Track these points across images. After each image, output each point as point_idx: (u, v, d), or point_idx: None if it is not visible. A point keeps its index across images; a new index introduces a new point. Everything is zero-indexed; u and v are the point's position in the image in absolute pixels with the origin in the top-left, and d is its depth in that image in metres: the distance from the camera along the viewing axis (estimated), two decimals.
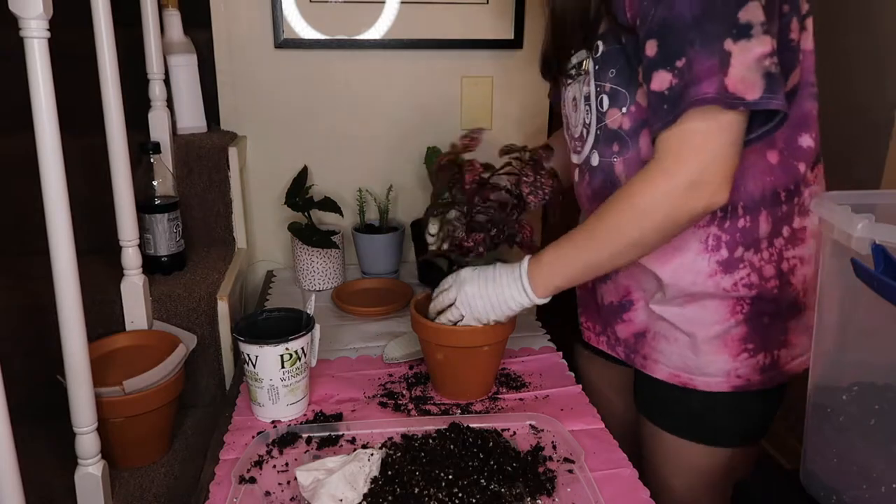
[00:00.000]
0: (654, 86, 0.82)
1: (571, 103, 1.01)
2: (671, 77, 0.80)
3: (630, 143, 0.92)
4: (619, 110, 0.91)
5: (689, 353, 0.97)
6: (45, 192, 0.86)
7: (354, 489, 0.81)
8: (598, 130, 0.95)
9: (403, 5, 1.53)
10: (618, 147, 0.93)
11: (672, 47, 0.80)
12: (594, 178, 0.98)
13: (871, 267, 0.62)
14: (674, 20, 0.79)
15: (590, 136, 0.97)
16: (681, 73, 0.79)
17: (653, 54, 0.82)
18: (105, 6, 1.05)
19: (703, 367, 0.97)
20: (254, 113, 1.57)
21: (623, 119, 0.91)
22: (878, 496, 0.67)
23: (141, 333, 1.20)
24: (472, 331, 1.01)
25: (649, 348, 1.02)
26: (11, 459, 0.74)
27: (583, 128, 0.98)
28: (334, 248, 1.47)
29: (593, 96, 0.94)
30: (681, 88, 0.79)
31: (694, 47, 0.78)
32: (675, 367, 0.99)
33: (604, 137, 0.95)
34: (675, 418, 1.01)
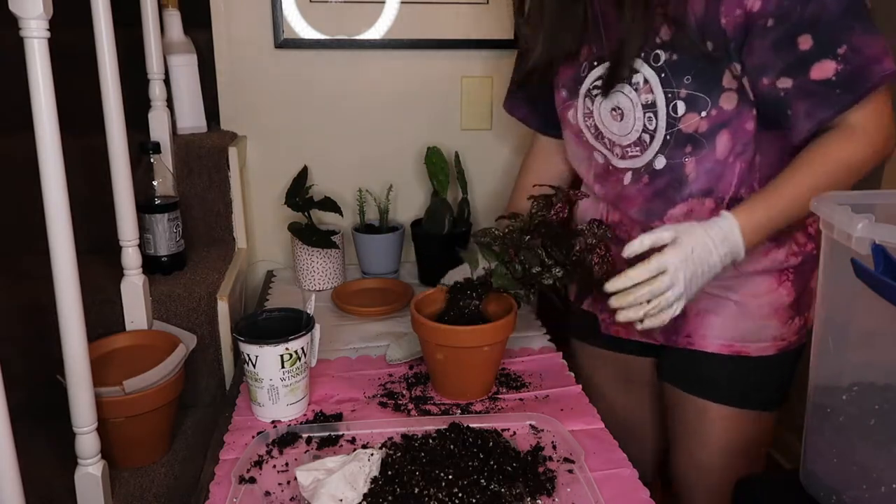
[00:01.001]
0: (814, 75, 0.86)
1: (611, 113, 1.02)
2: (835, 64, 0.85)
3: (706, 143, 0.95)
4: (698, 114, 0.94)
5: (743, 323, 1.03)
6: (45, 192, 0.86)
7: (354, 489, 0.81)
8: (667, 135, 0.97)
9: (403, 5, 1.53)
10: (691, 148, 0.96)
11: (830, 37, 0.85)
12: (657, 180, 1.00)
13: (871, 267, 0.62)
14: (827, 14, 0.84)
15: (655, 142, 0.98)
16: (845, 58, 0.84)
17: (808, 47, 0.85)
18: (105, 6, 1.05)
19: (756, 333, 1.03)
20: (254, 113, 1.57)
21: (701, 122, 0.94)
22: (878, 496, 0.67)
23: (141, 333, 1.20)
24: (472, 331, 1.01)
25: (693, 325, 1.06)
26: (11, 459, 0.74)
27: (642, 134, 0.99)
28: (334, 248, 1.47)
29: (662, 103, 0.95)
30: (853, 71, 0.84)
31: (855, 33, 0.84)
32: (727, 338, 1.04)
33: (675, 141, 0.97)
34: (723, 388, 1.06)
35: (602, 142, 1.06)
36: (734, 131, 0.94)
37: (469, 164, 1.61)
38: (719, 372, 1.06)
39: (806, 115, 0.88)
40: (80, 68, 1.12)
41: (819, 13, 0.84)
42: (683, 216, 1.00)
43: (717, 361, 1.05)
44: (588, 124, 1.07)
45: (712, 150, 0.95)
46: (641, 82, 0.96)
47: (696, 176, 0.97)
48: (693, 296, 0.91)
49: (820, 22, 0.84)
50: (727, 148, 0.95)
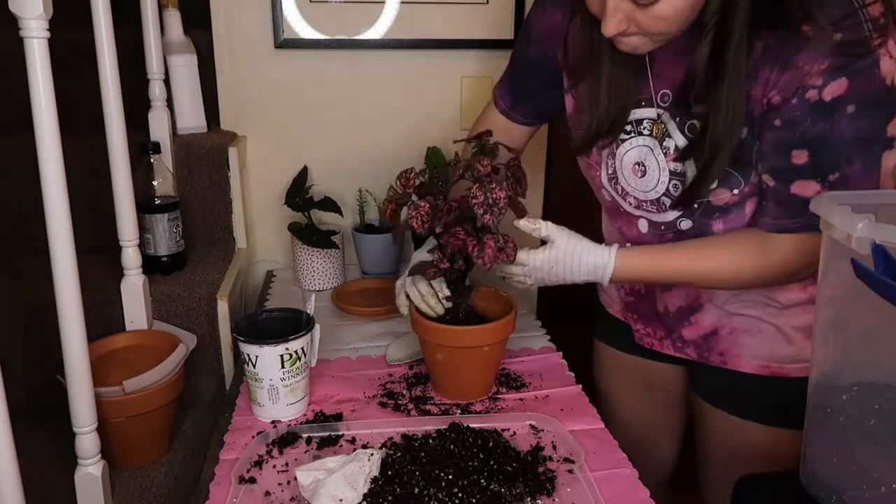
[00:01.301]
0: (794, 189, 0.85)
1: (633, 167, 0.98)
2: (819, 187, 0.83)
3: (735, 211, 0.93)
4: (730, 191, 0.91)
5: (782, 343, 1.01)
6: (45, 192, 0.86)
7: (354, 489, 0.81)
8: (695, 205, 0.94)
9: (403, 5, 1.53)
10: (719, 215, 0.94)
11: (826, 161, 0.82)
12: (681, 235, 0.98)
13: (871, 267, 0.62)
14: (833, 138, 0.80)
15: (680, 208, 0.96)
16: (833, 185, 0.82)
17: (801, 163, 0.83)
18: (105, 6, 1.05)
19: (796, 355, 1.00)
20: (254, 113, 1.57)
21: (731, 197, 0.91)
22: (878, 496, 0.67)
23: (141, 333, 1.20)
24: (472, 331, 1.01)
25: (727, 344, 1.04)
26: (11, 459, 0.74)
27: (663, 196, 0.96)
28: (334, 248, 1.47)
29: (691, 176, 0.92)
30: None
31: (853, 166, 0.81)
32: (764, 359, 1.02)
33: (704, 211, 0.94)
34: (762, 408, 1.04)
35: (615, 187, 1.03)
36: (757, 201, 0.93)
37: None
38: (754, 391, 1.04)
39: (773, 217, 0.88)
40: (80, 68, 1.12)
41: (825, 135, 0.81)
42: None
43: (753, 381, 1.03)
44: (609, 163, 1.02)
45: (741, 215, 0.93)
46: (672, 148, 0.93)
47: (724, 230, 0.95)
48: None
49: (823, 144, 0.81)
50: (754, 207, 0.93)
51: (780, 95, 0.82)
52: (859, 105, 0.79)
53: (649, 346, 1.14)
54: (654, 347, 1.14)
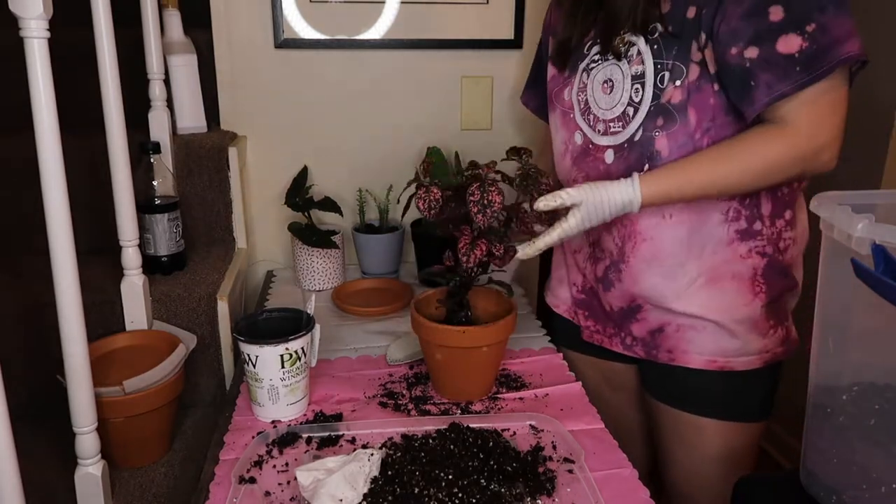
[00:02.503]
0: (780, 48, 0.86)
1: (603, 86, 1.03)
2: (801, 41, 0.85)
3: (678, 117, 0.95)
4: (674, 84, 0.94)
5: (726, 338, 1.02)
6: (45, 192, 0.86)
7: (354, 489, 0.81)
8: (651, 107, 0.97)
9: (403, 5, 1.53)
10: (662, 122, 0.96)
11: (799, 12, 0.85)
12: (630, 154, 1.00)
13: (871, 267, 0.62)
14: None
15: (638, 115, 0.99)
16: (812, 36, 0.84)
17: (778, 19, 0.85)
18: (105, 6, 1.05)
19: (741, 349, 1.03)
20: (254, 113, 1.57)
21: (675, 92, 0.95)
22: (878, 496, 0.67)
23: (141, 333, 1.20)
24: (472, 331, 1.01)
25: (674, 341, 1.06)
26: (11, 459, 0.74)
27: (627, 107, 1.00)
28: (334, 248, 1.47)
29: (650, 74, 0.96)
30: (816, 51, 0.84)
31: (827, 13, 0.84)
32: (710, 354, 1.04)
33: (654, 113, 0.97)
34: (713, 403, 1.06)
35: (587, 118, 1.06)
36: (699, 106, 0.94)
37: None
38: (704, 386, 1.05)
39: (766, 85, 0.87)
40: (80, 68, 1.12)
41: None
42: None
43: (702, 376, 1.05)
44: (580, 99, 1.08)
45: (685, 123, 0.95)
46: (634, 54, 0.98)
47: (669, 152, 0.97)
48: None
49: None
50: (695, 122, 0.95)
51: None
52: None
53: (598, 342, 1.16)
54: (603, 345, 1.15)
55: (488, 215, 0.93)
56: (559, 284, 1.24)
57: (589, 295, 1.16)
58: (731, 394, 1.05)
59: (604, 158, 1.04)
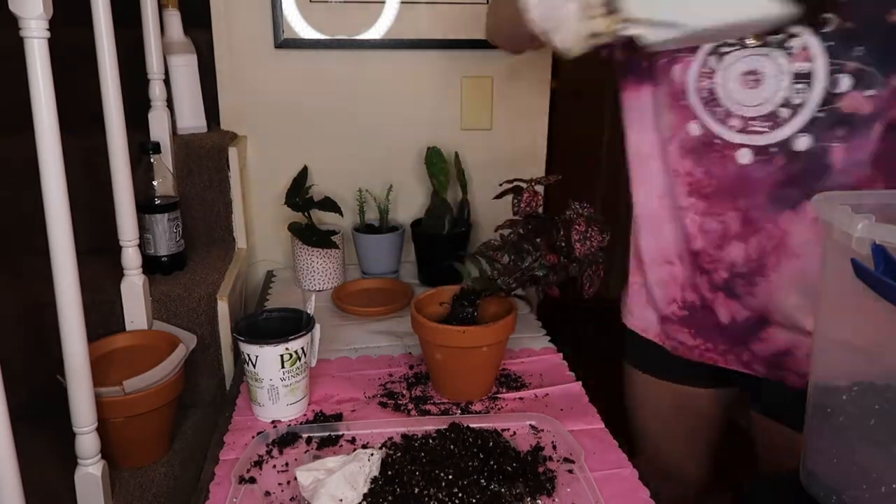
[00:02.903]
0: None
1: (742, 77, 0.89)
2: None
3: (862, 128, 0.84)
4: (862, 94, 0.82)
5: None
6: (45, 192, 0.86)
7: (354, 489, 0.81)
8: (820, 112, 0.85)
9: (403, 5, 1.53)
10: (844, 132, 0.84)
11: None
12: (793, 164, 0.88)
13: (871, 267, 0.62)
14: None
15: (796, 119, 0.86)
16: None
17: None
18: (105, 6, 1.05)
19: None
20: (254, 113, 1.57)
21: (864, 102, 0.83)
22: (878, 496, 0.67)
23: (141, 333, 1.20)
24: (471, 331, 1.01)
25: (806, 366, 0.92)
26: (11, 459, 0.74)
27: (780, 107, 0.87)
28: (334, 248, 1.47)
29: (822, 75, 0.84)
30: None
31: None
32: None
33: (829, 121, 0.85)
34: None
35: (712, 110, 0.92)
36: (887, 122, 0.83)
37: (469, 164, 1.61)
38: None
39: None
40: (80, 68, 1.12)
41: None
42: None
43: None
44: (701, 86, 0.92)
45: (867, 137, 0.84)
46: (799, 48, 0.84)
47: (844, 167, 0.85)
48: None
49: None
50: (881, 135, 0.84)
51: None
52: None
53: (712, 361, 1.04)
54: (717, 363, 1.04)
55: (586, 247, 0.99)
56: (643, 307, 1.12)
57: (693, 310, 1.04)
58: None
59: (735, 157, 0.91)
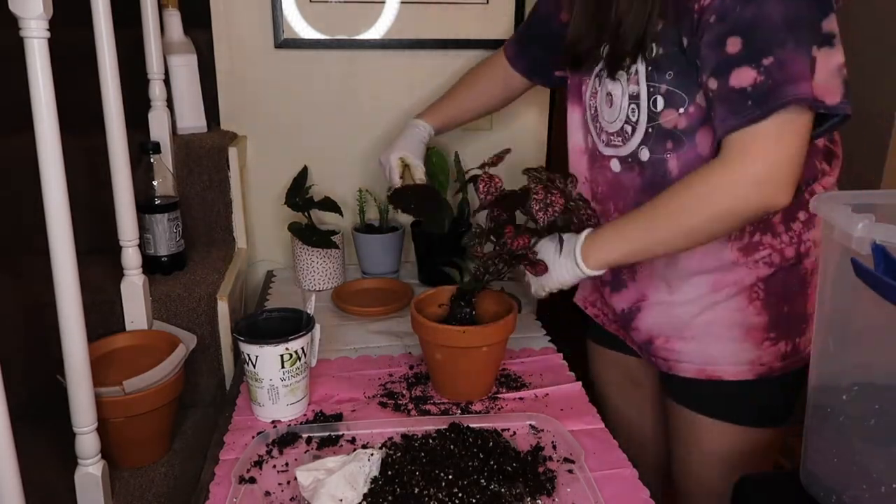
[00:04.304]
0: (733, 81, 0.83)
1: (606, 98, 1.01)
2: (755, 74, 0.81)
3: (686, 140, 0.94)
4: (676, 111, 0.92)
5: (713, 346, 1.01)
6: (45, 192, 0.86)
7: (354, 489, 0.81)
8: (649, 128, 0.96)
9: (403, 5, 1.53)
10: (672, 145, 0.95)
11: (759, 45, 0.81)
12: (645, 172, 0.99)
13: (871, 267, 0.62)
14: (763, 20, 0.81)
15: (637, 134, 0.97)
16: (768, 71, 0.81)
17: (735, 51, 0.82)
18: (105, 6, 1.05)
19: (729, 357, 1.01)
20: (254, 113, 1.57)
21: (679, 119, 0.93)
22: (878, 496, 0.67)
23: (141, 333, 1.20)
24: (471, 331, 1.01)
25: (665, 352, 1.05)
26: (11, 459, 0.74)
27: (625, 124, 0.98)
28: (334, 248, 1.47)
29: (644, 96, 0.95)
30: (770, 86, 0.81)
31: (785, 48, 0.80)
32: (699, 363, 1.03)
33: (656, 135, 0.95)
34: (709, 404, 1.05)
35: (595, 125, 1.06)
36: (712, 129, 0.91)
37: (469, 164, 1.61)
38: (698, 389, 1.04)
39: (721, 120, 0.85)
40: (80, 68, 1.12)
41: (755, 19, 0.81)
42: None
43: (697, 382, 1.04)
44: (591, 104, 1.06)
45: (693, 147, 0.93)
46: (634, 73, 0.96)
47: (679, 173, 0.95)
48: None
49: (754, 28, 0.81)
50: (708, 146, 0.92)
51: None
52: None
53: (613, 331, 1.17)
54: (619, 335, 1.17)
55: (548, 214, 0.97)
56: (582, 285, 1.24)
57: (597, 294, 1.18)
58: (723, 398, 1.03)
59: (610, 166, 1.04)
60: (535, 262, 0.99)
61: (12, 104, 0.93)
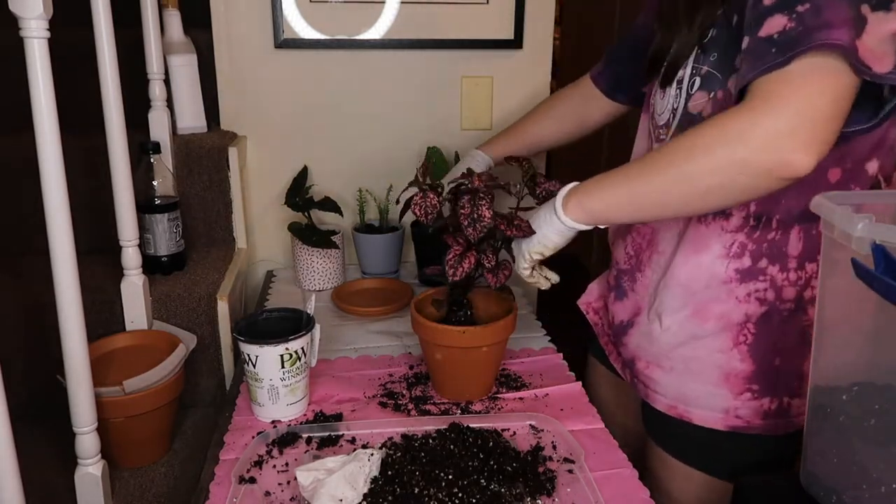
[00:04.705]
0: (762, 32, 0.72)
1: (661, 90, 0.95)
2: (786, 21, 0.71)
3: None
4: (707, 94, 0.85)
5: (687, 383, 0.94)
6: (45, 192, 0.86)
7: (354, 489, 0.81)
8: (683, 115, 0.88)
9: (403, 5, 1.53)
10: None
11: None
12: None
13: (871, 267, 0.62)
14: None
15: (675, 121, 0.90)
16: (800, 17, 0.70)
17: (771, 2, 0.72)
18: (105, 6, 1.05)
19: (702, 399, 0.93)
20: (254, 113, 1.57)
21: (706, 104, 0.85)
22: (878, 496, 0.67)
23: (141, 333, 1.20)
24: (471, 331, 1.01)
25: (644, 377, 1.00)
26: (11, 459, 0.74)
27: (669, 114, 0.91)
28: (334, 248, 1.47)
29: (686, 79, 0.88)
30: (799, 32, 0.69)
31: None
32: (671, 398, 0.96)
33: (685, 122, 0.88)
34: (679, 445, 0.97)
35: (652, 124, 0.99)
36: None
37: None
38: (672, 428, 0.97)
39: (742, 76, 0.74)
40: (80, 68, 1.12)
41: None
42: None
43: (667, 417, 0.97)
44: (651, 103, 1.00)
45: None
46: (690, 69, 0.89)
47: None
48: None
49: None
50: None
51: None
52: None
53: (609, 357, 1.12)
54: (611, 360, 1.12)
55: (478, 229, 0.91)
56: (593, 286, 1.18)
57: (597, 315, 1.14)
58: (693, 442, 0.95)
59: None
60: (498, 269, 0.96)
61: (12, 104, 0.93)
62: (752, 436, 0.92)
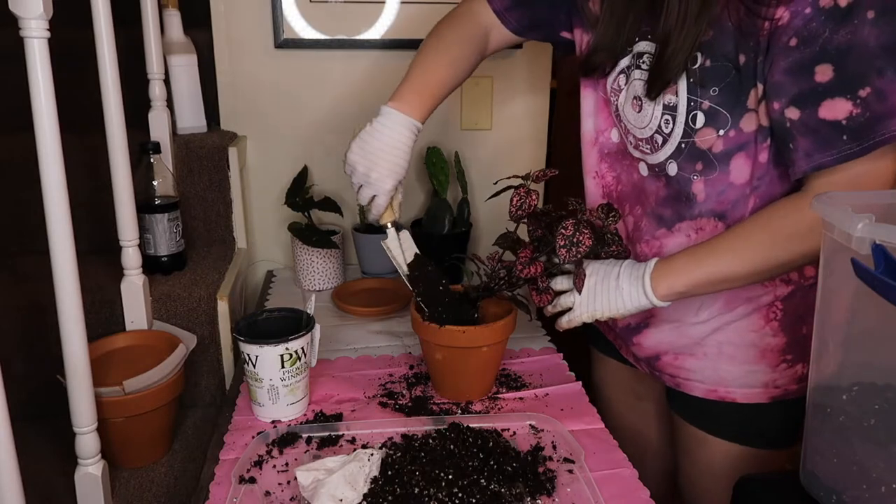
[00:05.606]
0: (823, 113, 0.77)
1: (632, 101, 0.94)
2: (851, 106, 0.75)
3: (718, 165, 0.88)
4: (716, 132, 0.86)
5: (726, 366, 0.97)
6: (45, 192, 0.86)
7: (354, 489, 0.81)
8: (682, 144, 0.89)
9: (403, 5, 1.53)
10: (701, 167, 0.89)
11: (854, 74, 0.75)
12: (670, 186, 0.94)
13: (871, 267, 0.62)
14: (858, 46, 0.74)
15: (667, 146, 0.91)
16: (865, 103, 0.74)
17: (826, 80, 0.76)
18: (105, 6, 1.05)
19: (742, 378, 0.97)
20: (254, 113, 1.57)
21: (717, 141, 0.87)
22: (878, 496, 0.67)
23: (141, 333, 1.20)
24: (471, 331, 1.01)
25: (673, 368, 1.02)
26: (11, 459, 0.74)
27: (656, 133, 0.92)
28: (334, 248, 1.47)
29: (683, 110, 0.88)
30: (868, 119, 0.75)
31: (884, 77, 0.74)
32: (710, 383, 0.99)
33: (688, 153, 0.90)
34: (724, 427, 1.01)
35: (620, 124, 0.99)
36: (751, 158, 0.87)
37: (469, 164, 1.61)
38: (709, 409, 1.01)
39: (805, 154, 0.79)
40: (80, 68, 1.12)
41: (849, 44, 0.74)
42: (694, 231, 0.94)
43: (706, 402, 1.00)
44: (614, 100, 0.99)
45: (725, 173, 0.88)
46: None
47: (706, 197, 0.91)
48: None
49: (848, 54, 0.74)
50: (743, 176, 0.88)
51: (789, 10, 0.76)
52: (879, 10, 0.73)
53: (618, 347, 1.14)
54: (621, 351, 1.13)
55: (572, 253, 0.90)
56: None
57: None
58: (734, 420, 1.00)
59: (638, 168, 0.99)
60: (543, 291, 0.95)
61: (12, 104, 0.93)
62: (789, 401, 0.97)
